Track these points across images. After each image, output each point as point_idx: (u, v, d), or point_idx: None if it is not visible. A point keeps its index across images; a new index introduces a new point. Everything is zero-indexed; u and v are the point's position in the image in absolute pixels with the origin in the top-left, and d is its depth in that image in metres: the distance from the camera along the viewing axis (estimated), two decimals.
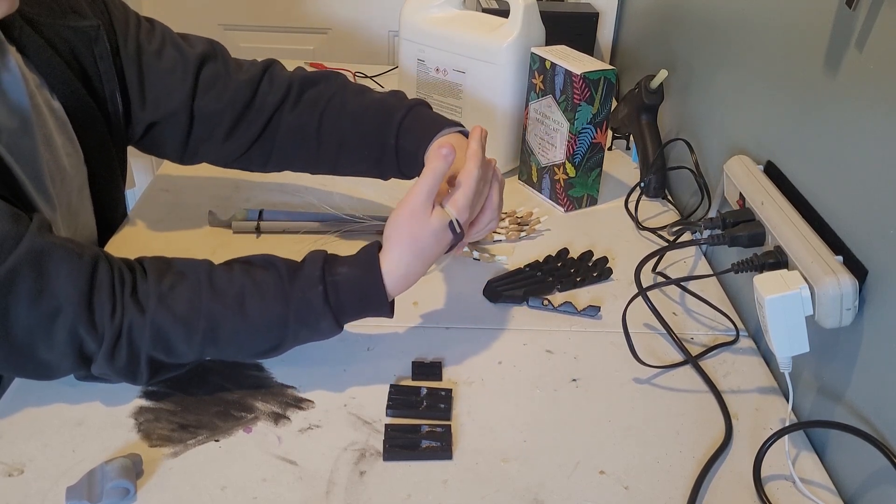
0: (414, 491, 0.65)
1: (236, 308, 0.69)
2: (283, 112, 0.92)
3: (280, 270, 0.71)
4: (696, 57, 1.16)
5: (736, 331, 0.88)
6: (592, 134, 1.08)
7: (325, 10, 1.91)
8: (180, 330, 0.68)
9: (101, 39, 0.84)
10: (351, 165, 0.94)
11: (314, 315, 0.71)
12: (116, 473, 0.62)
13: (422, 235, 0.72)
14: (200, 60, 0.90)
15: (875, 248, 0.66)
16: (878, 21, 0.67)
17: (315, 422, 0.71)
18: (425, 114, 0.90)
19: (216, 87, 0.90)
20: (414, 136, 0.87)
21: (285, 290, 0.70)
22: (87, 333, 0.66)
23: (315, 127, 0.91)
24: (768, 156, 0.88)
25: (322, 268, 0.71)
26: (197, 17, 1.91)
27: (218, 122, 0.91)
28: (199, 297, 0.69)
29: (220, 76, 0.91)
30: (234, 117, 0.91)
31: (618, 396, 0.77)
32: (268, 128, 0.92)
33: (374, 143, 0.90)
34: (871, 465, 0.65)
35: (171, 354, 0.69)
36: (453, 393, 0.76)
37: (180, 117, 0.90)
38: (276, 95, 0.91)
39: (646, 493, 0.66)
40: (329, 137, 0.92)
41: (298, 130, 0.92)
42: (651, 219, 1.11)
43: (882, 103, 0.66)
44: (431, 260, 0.74)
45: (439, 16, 1.20)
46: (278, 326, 0.71)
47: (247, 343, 0.71)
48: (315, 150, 0.93)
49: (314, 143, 0.92)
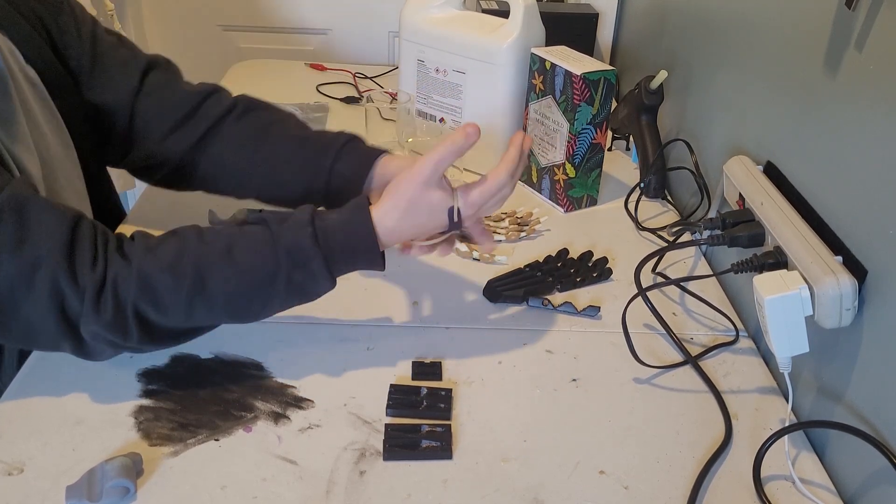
0: (414, 491, 0.65)
1: (224, 254, 0.69)
2: (225, 123, 0.91)
3: (269, 221, 0.72)
4: (696, 57, 1.16)
5: (736, 331, 0.88)
6: (592, 134, 1.08)
7: (325, 11, 1.91)
8: (167, 278, 0.67)
9: (64, 13, 0.86)
10: (280, 187, 0.91)
11: (304, 257, 0.70)
12: (116, 472, 0.62)
13: (419, 202, 0.73)
14: (149, 64, 0.91)
15: (875, 248, 0.66)
16: (878, 21, 0.67)
17: (315, 421, 0.71)
18: (361, 145, 0.90)
19: (161, 91, 0.90)
20: (350, 163, 0.87)
21: (274, 236, 0.70)
22: (68, 287, 0.65)
23: (254, 143, 0.90)
24: (768, 156, 0.88)
25: (311, 213, 0.72)
26: (197, 17, 1.91)
27: (157, 124, 0.90)
28: (187, 247, 0.69)
29: (167, 83, 0.91)
30: (175, 121, 0.90)
31: (618, 396, 0.77)
32: (207, 135, 0.90)
33: (309, 167, 0.89)
34: (870, 465, 0.65)
35: (158, 307, 0.68)
36: (453, 393, 0.76)
37: (120, 112, 0.89)
38: (221, 108, 0.91)
39: (646, 493, 0.66)
40: (266, 154, 0.90)
41: (238, 143, 0.91)
42: (651, 219, 1.11)
43: (882, 103, 0.66)
44: (421, 230, 0.75)
45: (439, 16, 1.20)
46: (269, 273, 0.70)
47: (237, 293, 0.70)
48: (249, 166, 0.91)
49: (249, 159, 0.90)
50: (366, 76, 1.63)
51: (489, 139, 1.19)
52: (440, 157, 0.72)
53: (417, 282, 0.93)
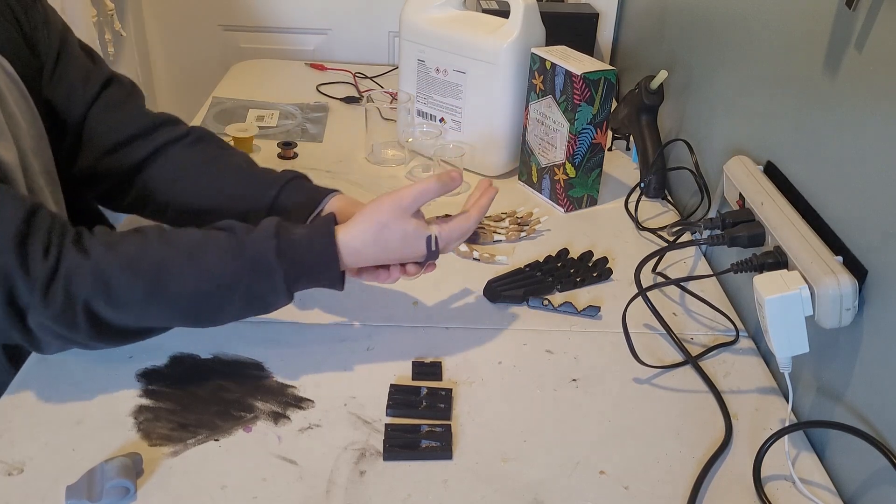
0: (414, 491, 0.65)
1: (185, 256, 0.68)
2: (172, 149, 0.89)
3: (235, 229, 0.71)
4: (695, 57, 1.16)
5: (736, 331, 0.88)
6: (592, 134, 1.08)
7: (325, 11, 1.90)
8: (125, 273, 0.67)
9: (35, 10, 0.84)
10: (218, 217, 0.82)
11: (267, 269, 0.70)
12: (116, 472, 0.62)
13: (393, 228, 0.73)
14: (111, 80, 0.89)
15: (875, 248, 0.66)
16: (878, 21, 0.67)
17: (315, 421, 0.71)
18: (307, 183, 0.88)
19: (115, 107, 0.89)
20: (294, 198, 0.85)
21: (240, 244, 0.70)
22: (18, 276, 0.64)
23: (197, 171, 0.88)
24: (768, 156, 0.88)
25: (277, 225, 0.71)
26: (197, 17, 1.91)
27: (104, 138, 0.88)
28: (149, 246, 0.68)
29: (124, 102, 0.90)
30: (122, 139, 0.88)
31: (618, 396, 0.77)
32: (150, 158, 0.88)
33: (250, 199, 0.86)
34: (871, 465, 0.65)
35: (112, 304, 0.67)
36: (453, 393, 0.76)
37: (72, 119, 0.87)
38: (171, 135, 0.89)
39: (646, 493, 0.66)
40: (207, 184, 0.88)
41: (181, 170, 0.89)
42: (651, 219, 1.11)
43: (882, 103, 0.66)
44: (390, 256, 0.75)
45: (439, 16, 1.20)
46: (230, 280, 0.69)
47: (195, 298, 0.69)
48: (188, 194, 0.88)
49: (190, 187, 0.88)
50: (366, 76, 1.63)
51: (489, 139, 1.19)
52: (424, 189, 0.73)
53: (417, 282, 0.93)
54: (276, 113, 1.42)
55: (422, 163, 1.24)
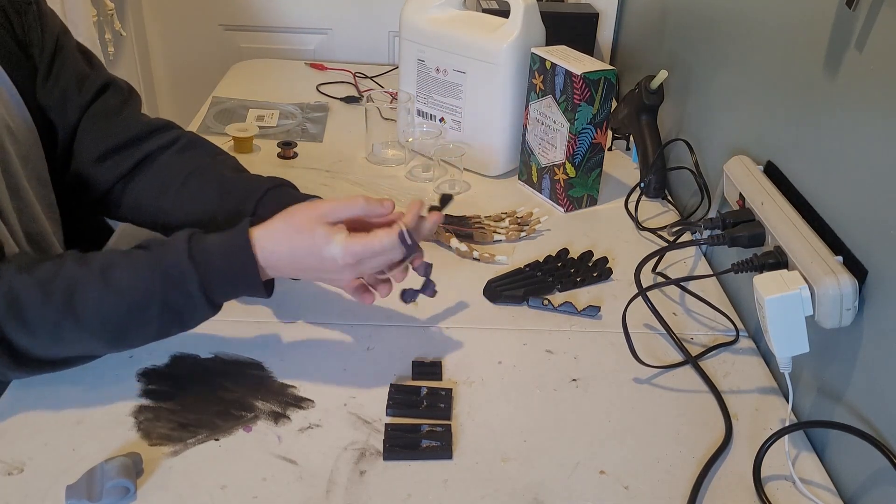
0: (414, 491, 0.65)
1: (98, 275, 0.67)
2: (160, 157, 0.88)
3: (151, 244, 0.69)
4: (695, 57, 1.16)
5: (736, 331, 0.88)
6: (592, 134, 1.08)
7: (326, 11, 1.91)
8: (36, 292, 0.65)
9: (31, 13, 0.83)
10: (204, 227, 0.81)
11: (180, 277, 0.67)
12: (116, 472, 0.62)
13: (303, 232, 0.70)
14: (106, 85, 0.89)
15: (875, 248, 0.66)
16: (878, 21, 0.67)
17: (315, 421, 0.71)
18: (289, 192, 0.86)
19: (109, 114, 0.88)
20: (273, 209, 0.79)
21: (153, 257, 0.68)
22: None
23: (183, 179, 0.87)
24: (768, 156, 0.88)
25: (189, 234, 0.70)
26: (197, 17, 1.91)
27: (95, 145, 0.87)
28: (63, 267, 0.67)
29: (119, 109, 0.88)
30: (113, 146, 0.87)
31: (618, 396, 0.77)
32: (137, 167, 0.88)
33: (229, 208, 0.84)
34: (871, 465, 0.65)
35: (25, 325, 0.65)
36: (453, 393, 0.76)
37: (65, 124, 0.86)
38: (160, 142, 0.88)
39: (646, 493, 0.66)
40: (190, 194, 0.86)
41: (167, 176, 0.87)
42: (651, 219, 1.11)
43: (882, 103, 0.66)
44: (299, 265, 0.71)
45: (439, 16, 1.20)
46: (143, 295, 0.67)
47: (109, 316, 0.67)
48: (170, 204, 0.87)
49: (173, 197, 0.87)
50: (366, 76, 1.63)
51: (489, 139, 1.19)
52: (346, 204, 0.71)
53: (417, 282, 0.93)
54: (276, 113, 1.42)
55: (422, 163, 1.24)
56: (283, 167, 1.21)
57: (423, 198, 0.80)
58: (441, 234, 1.00)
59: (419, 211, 0.73)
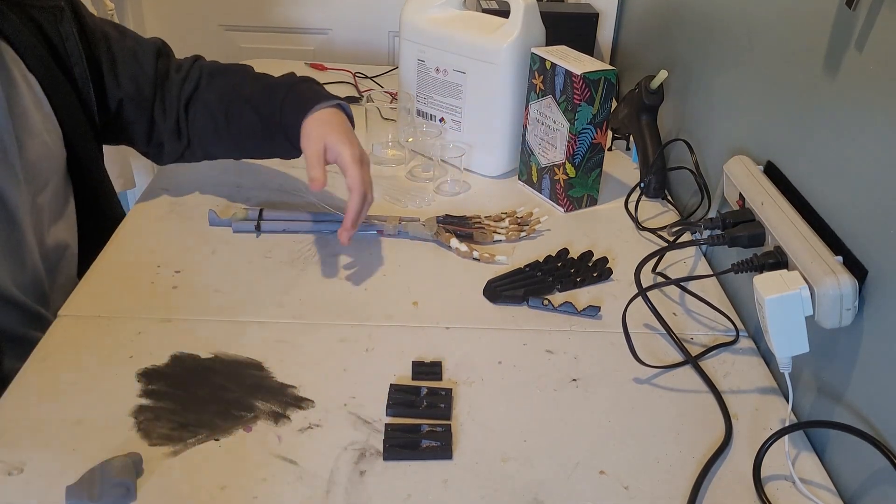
0: (414, 491, 0.65)
1: None
2: (196, 104, 1.01)
3: None
4: (695, 57, 1.16)
5: (736, 331, 0.88)
6: (592, 134, 1.08)
7: (326, 11, 1.90)
8: None
9: (66, 20, 0.88)
10: (254, 146, 1.03)
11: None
12: (116, 472, 0.62)
13: None
14: (157, 52, 0.99)
15: (875, 248, 0.66)
16: (878, 21, 0.67)
17: (315, 421, 0.71)
18: (305, 89, 0.98)
19: (167, 76, 1.00)
20: (293, 112, 0.95)
21: None
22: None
23: (223, 116, 1.00)
24: (768, 156, 0.88)
25: None
26: (197, 17, 1.91)
27: (167, 105, 1.00)
28: None
29: (169, 68, 1.01)
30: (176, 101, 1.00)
31: (618, 396, 0.77)
32: (188, 107, 1.01)
33: (267, 123, 0.98)
34: (871, 465, 0.65)
35: None
36: (453, 393, 0.76)
37: (147, 99, 0.98)
38: (190, 86, 1.01)
39: (646, 493, 0.66)
40: (235, 124, 1.00)
41: (211, 121, 1.01)
42: (651, 219, 1.11)
43: (882, 103, 0.66)
44: None
45: (439, 16, 1.20)
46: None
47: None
48: (225, 132, 1.01)
49: (223, 131, 1.01)
50: (366, 76, 1.63)
51: (489, 139, 1.19)
52: None
53: (417, 282, 0.93)
54: None
55: (422, 163, 1.24)
56: (284, 167, 1.21)
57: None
58: (441, 234, 1.00)
59: None
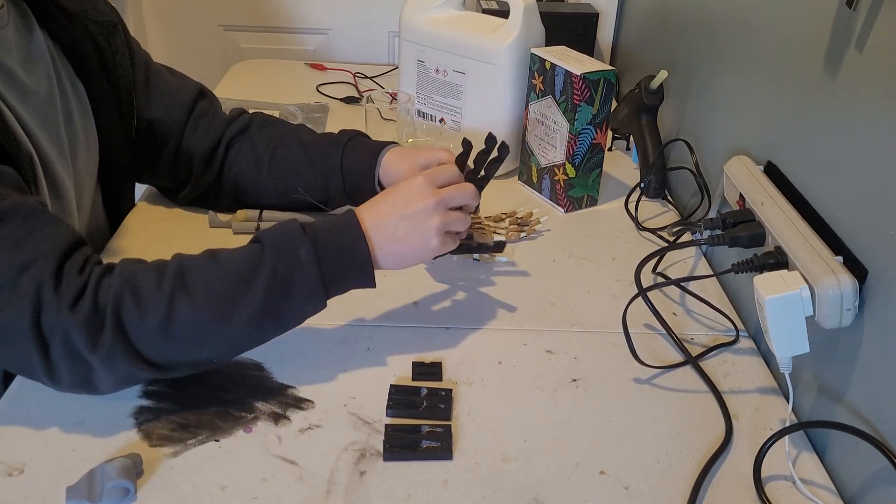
0: (414, 491, 0.65)
1: (208, 257, 0.71)
2: (239, 143, 1.00)
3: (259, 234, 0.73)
4: (696, 57, 1.16)
5: (736, 331, 0.88)
6: (592, 134, 1.08)
7: (326, 11, 1.90)
8: (150, 273, 0.68)
9: (118, 34, 0.92)
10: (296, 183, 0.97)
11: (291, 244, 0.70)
12: (116, 473, 0.62)
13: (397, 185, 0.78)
14: (199, 93, 1.00)
15: (875, 248, 0.66)
16: (878, 21, 0.67)
17: (315, 422, 0.71)
18: (367, 140, 0.98)
19: (204, 118, 1.00)
20: (357, 156, 0.95)
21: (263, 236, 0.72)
22: (49, 294, 0.63)
23: (268, 156, 0.98)
24: (768, 156, 0.88)
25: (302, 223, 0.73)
26: (197, 17, 1.91)
27: (199, 147, 0.99)
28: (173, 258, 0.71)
29: (209, 111, 1.00)
30: (211, 146, 0.99)
31: (618, 396, 0.77)
32: (227, 156, 1.00)
33: (320, 167, 0.96)
34: (871, 465, 0.65)
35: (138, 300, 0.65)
36: (453, 393, 0.76)
37: (172, 134, 0.98)
38: (237, 128, 1.00)
39: (646, 493, 0.66)
40: (279, 167, 0.98)
41: (252, 161, 0.99)
42: (651, 219, 1.11)
43: (882, 103, 0.66)
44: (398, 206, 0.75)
45: (439, 16, 1.20)
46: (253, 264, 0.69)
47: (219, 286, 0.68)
48: (265, 180, 0.98)
49: (264, 174, 0.98)
50: (366, 76, 1.63)
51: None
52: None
53: (417, 282, 0.93)
54: (276, 113, 1.42)
55: None
56: None
57: None
58: None
59: None
